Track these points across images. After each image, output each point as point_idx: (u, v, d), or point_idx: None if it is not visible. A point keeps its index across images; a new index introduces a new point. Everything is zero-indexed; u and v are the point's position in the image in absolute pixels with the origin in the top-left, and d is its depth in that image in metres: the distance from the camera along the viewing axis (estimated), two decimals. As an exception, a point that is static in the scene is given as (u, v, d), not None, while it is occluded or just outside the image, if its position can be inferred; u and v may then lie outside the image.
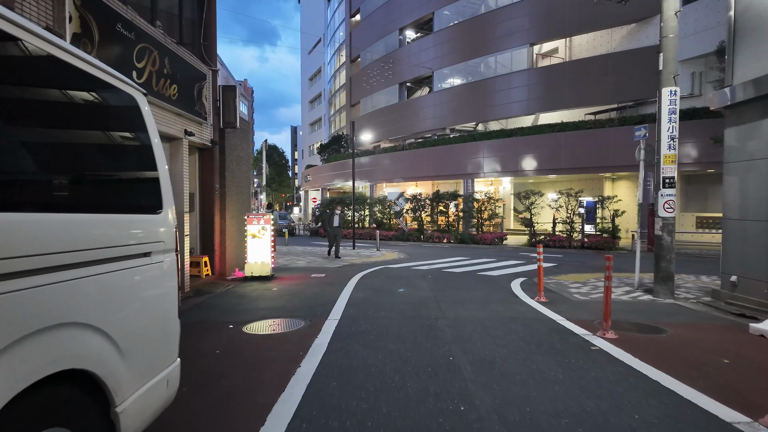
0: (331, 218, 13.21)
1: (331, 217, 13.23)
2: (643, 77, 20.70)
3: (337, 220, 13.16)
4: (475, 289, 7.70)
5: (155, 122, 2.46)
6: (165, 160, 2.51)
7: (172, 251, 2.41)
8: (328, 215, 13.45)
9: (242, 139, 10.40)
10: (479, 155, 24.23)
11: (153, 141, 2.36)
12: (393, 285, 8.13)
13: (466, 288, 7.76)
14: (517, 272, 10.16)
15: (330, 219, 13.24)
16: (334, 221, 13.15)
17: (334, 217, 13.21)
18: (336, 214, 13.30)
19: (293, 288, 7.89)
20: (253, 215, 9.07)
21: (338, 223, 13.17)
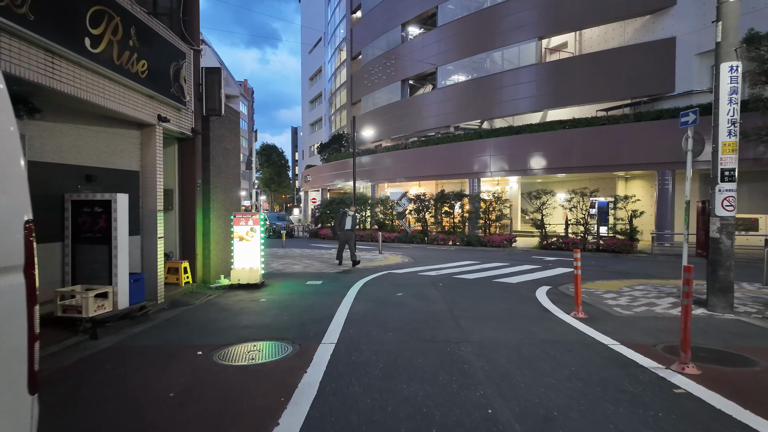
0: (343, 220, 11.38)
1: (343, 219, 11.40)
2: (659, 71, 19.67)
3: (349, 222, 11.35)
4: (495, 300, 6.63)
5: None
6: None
7: (14, 270, 1.35)
8: (340, 216, 11.54)
9: (230, 131, 9.35)
10: (486, 153, 23.19)
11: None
12: (398, 294, 7.06)
13: (485, 299, 6.69)
14: (537, 279, 9.09)
15: (341, 220, 11.40)
16: (346, 223, 11.34)
17: (346, 218, 11.38)
18: (348, 215, 11.45)
19: (285, 298, 6.83)
20: (241, 215, 8.01)
21: (351, 226, 11.36)
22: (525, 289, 7.76)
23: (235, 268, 7.88)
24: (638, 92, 20.62)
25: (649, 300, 6.73)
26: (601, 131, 19.38)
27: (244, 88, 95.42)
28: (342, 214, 11.56)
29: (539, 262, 12.50)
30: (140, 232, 6.36)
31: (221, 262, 8.64)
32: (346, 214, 11.49)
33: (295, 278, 9.13)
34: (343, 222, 11.31)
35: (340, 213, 11.70)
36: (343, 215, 11.45)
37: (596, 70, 21.45)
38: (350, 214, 11.49)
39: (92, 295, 4.86)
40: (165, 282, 7.37)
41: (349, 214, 11.48)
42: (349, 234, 11.30)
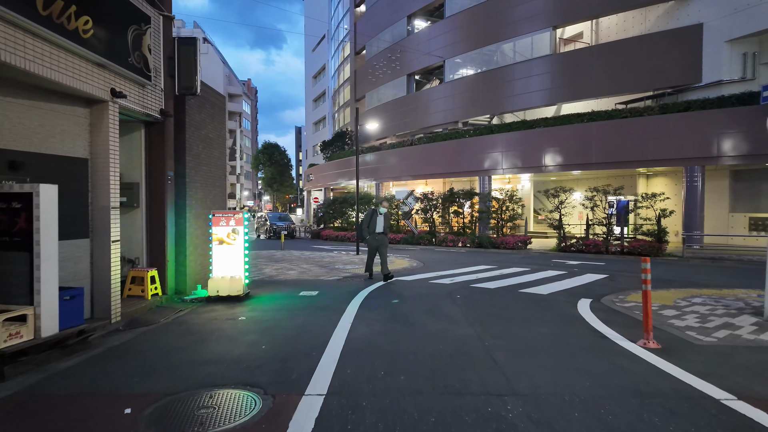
0: (372, 220, 8.83)
1: (372, 219, 8.84)
2: (684, 61, 18.25)
3: (381, 223, 8.79)
4: (532, 320, 5.32)
5: None
6: None
7: None
8: (368, 215, 9.01)
9: (212, 117, 8.10)
10: (497, 149, 21.84)
11: None
12: (411, 311, 5.77)
13: (520, 318, 5.38)
14: (569, 289, 7.77)
15: (370, 221, 8.84)
16: (377, 224, 8.78)
17: (376, 218, 8.84)
18: (379, 213, 8.95)
19: (270, 316, 5.55)
20: (221, 213, 6.75)
21: (383, 228, 8.80)
22: (561, 302, 6.45)
23: (213, 278, 6.61)
24: (661, 83, 19.19)
25: (722, 319, 5.40)
26: (622, 125, 17.99)
27: (248, 87, 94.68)
28: (371, 212, 9.05)
29: (563, 267, 11.17)
30: (89, 234, 5.11)
31: (201, 269, 7.39)
32: (376, 212, 8.97)
33: (288, 287, 7.85)
34: (373, 223, 8.80)
35: (368, 211, 9.18)
36: (373, 214, 8.96)
37: (615, 60, 20.05)
38: (382, 212, 8.98)
39: (0, 320, 3.60)
40: (129, 295, 6.14)
41: (381, 212, 8.96)
42: (380, 239, 8.76)
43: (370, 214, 9.01)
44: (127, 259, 6.41)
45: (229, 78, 73.16)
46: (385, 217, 8.93)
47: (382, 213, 9.00)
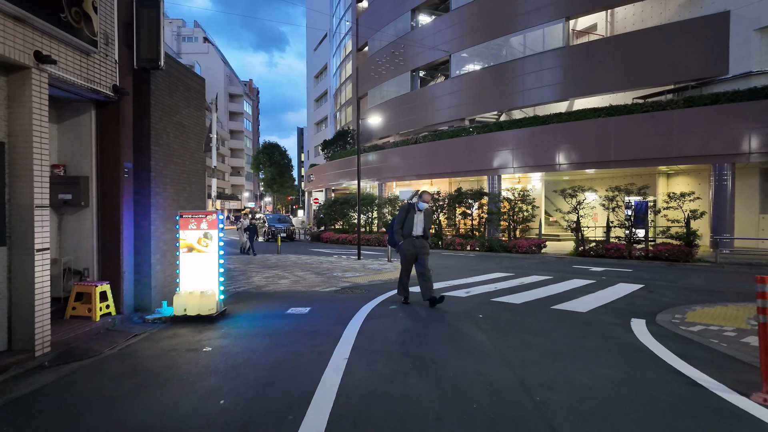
0: (408, 218, 6.53)
1: (408, 217, 6.54)
2: (709, 52, 16.99)
3: (421, 223, 6.53)
4: (585, 353, 4.06)
5: None
6: None
7: None
8: (402, 212, 6.66)
9: (188, 101, 6.91)
10: (507, 147, 20.61)
11: None
12: (424, 340, 4.54)
13: (567, 350, 4.12)
14: (608, 304, 6.54)
15: (405, 220, 6.54)
16: (415, 225, 6.50)
17: (414, 215, 6.53)
18: (418, 210, 6.57)
19: (243, 346, 4.34)
20: (191, 214, 5.55)
21: (423, 230, 6.56)
22: (610, 324, 5.21)
23: (180, 293, 5.40)
24: (683, 76, 17.93)
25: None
26: (644, 120, 16.74)
27: (249, 87, 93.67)
28: (406, 208, 6.63)
29: (588, 275, 9.93)
30: (5, 241, 3.91)
31: (170, 281, 6.18)
32: (414, 208, 6.57)
33: (275, 302, 6.63)
34: (410, 222, 6.47)
35: (402, 207, 6.75)
36: (409, 210, 6.57)
37: (633, 52, 18.79)
38: (422, 207, 6.57)
39: None
40: (72, 315, 4.94)
41: (420, 207, 6.56)
42: (420, 246, 6.47)
43: (404, 211, 6.61)
44: (73, 270, 5.22)
45: (230, 78, 72.27)
46: (426, 215, 6.57)
47: (422, 209, 6.54)
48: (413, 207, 6.63)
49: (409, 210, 6.62)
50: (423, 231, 6.57)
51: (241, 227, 16.72)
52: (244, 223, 16.63)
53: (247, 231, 16.10)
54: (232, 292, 7.54)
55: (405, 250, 6.51)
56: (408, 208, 6.66)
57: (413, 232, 6.52)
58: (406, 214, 6.59)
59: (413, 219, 6.53)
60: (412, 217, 6.54)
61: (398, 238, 6.56)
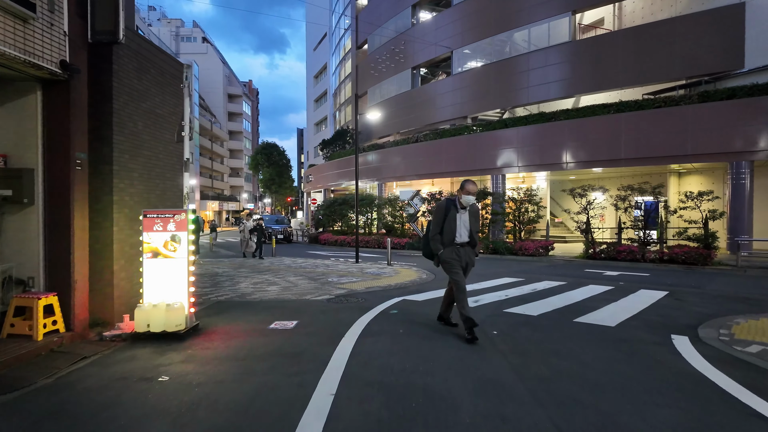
0: (449, 220, 4.73)
1: (449, 218, 4.73)
2: (723, 45, 16.20)
3: (466, 225, 4.78)
4: (631, 386, 3.25)
5: None
6: None
7: None
8: (440, 212, 4.80)
9: (162, 88, 6.13)
10: (512, 145, 19.84)
11: None
12: (430, 367, 3.73)
13: (608, 381, 3.30)
14: (636, 314, 5.76)
15: (444, 222, 4.74)
16: (458, 228, 4.74)
17: (456, 215, 4.75)
18: (461, 208, 4.78)
19: (209, 374, 3.55)
20: (156, 213, 4.76)
21: (469, 235, 4.80)
22: (648, 342, 4.42)
23: (142, 306, 4.61)
24: (696, 71, 17.16)
25: None
26: (656, 116, 15.96)
27: (249, 88, 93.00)
28: (444, 206, 4.79)
29: (603, 280, 9.14)
30: None
31: (139, 291, 5.39)
32: (456, 205, 4.76)
33: (259, 313, 5.85)
34: (451, 225, 4.71)
35: (440, 205, 4.87)
36: (449, 208, 4.74)
37: (642, 46, 18.01)
38: (468, 202, 4.73)
39: None
40: (10, 334, 4.17)
41: (465, 203, 4.73)
42: (465, 256, 4.77)
43: (442, 211, 4.73)
44: (15, 279, 4.44)
45: (228, 78, 71.58)
46: (472, 215, 4.79)
47: (466, 206, 4.70)
48: (453, 204, 4.72)
49: (448, 209, 4.68)
50: (469, 236, 4.72)
51: (244, 229, 15.19)
52: (248, 225, 15.18)
53: (254, 233, 14.83)
54: (213, 301, 6.76)
55: (451, 258, 4.67)
56: (446, 206, 4.72)
57: (456, 238, 4.64)
58: (444, 214, 4.68)
59: (455, 220, 4.65)
60: (454, 218, 4.66)
61: (437, 247, 4.70)
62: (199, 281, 8.93)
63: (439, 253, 4.73)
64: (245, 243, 14.88)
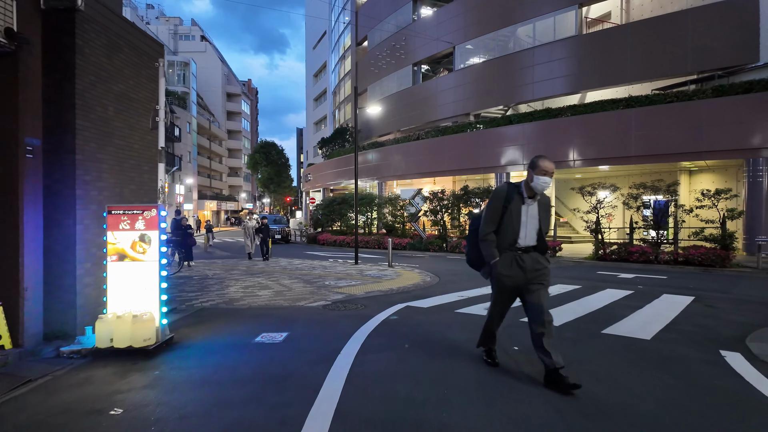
0: (510, 213, 3.29)
1: (508, 211, 3.29)
2: (737, 38, 15.57)
3: (534, 223, 3.33)
4: (700, 422, 2.62)
5: None
6: None
7: None
8: (497, 201, 3.33)
9: (138, 71, 5.49)
10: (516, 142, 19.20)
11: None
12: (446, 396, 3.08)
13: (673, 423, 2.63)
14: (669, 325, 5.13)
15: (504, 216, 3.31)
16: (523, 227, 3.31)
17: (522, 209, 3.30)
18: (526, 197, 3.29)
19: (175, 404, 2.91)
20: (122, 209, 4.12)
21: (536, 237, 3.37)
22: (694, 359, 3.78)
23: (104, 317, 3.96)
24: (708, 65, 16.52)
25: None
26: (668, 111, 15.33)
27: (248, 87, 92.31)
28: (504, 194, 3.34)
29: (620, 284, 8.50)
30: None
31: (100, 301, 4.74)
32: (519, 191, 3.33)
33: (246, 322, 5.20)
34: (513, 222, 3.29)
35: (497, 195, 3.38)
36: (509, 199, 3.31)
37: (652, 40, 17.37)
38: (539, 190, 3.27)
39: None
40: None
41: (537, 188, 3.25)
42: (530, 267, 3.34)
43: (499, 200, 3.35)
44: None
45: (227, 77, 70.92)
46: (542, 207, 3.38)
47: (538, 192, 3.29)
48: (518, 191, 3.30)
49: (509, 198, 3.29)
50: (536, 238, 3.34)
51: (245, 227, 14.35)
52: (249, 224, 14.35)
53: (259, 233, 14.05)
54: (196, 308, 6.11)
55: (503, 276, 3.32)
56: (507, 193, 3.31)
57: (519, 240, 3.29)
58: (503, 205, 3.29)
59: (519, 215, 3.28)
60: (517, 212, 3.27)
61: (491, 253, 3.31)
62: (185, 285, 8.28)
63: (492, 261, 3.32)
64: (249, 242, 14.20)
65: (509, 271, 3.33)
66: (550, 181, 3.23)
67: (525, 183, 3.32)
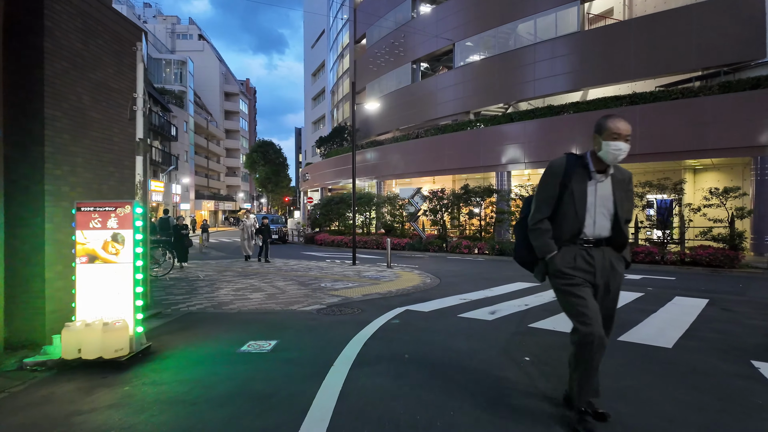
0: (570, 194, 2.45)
1: (569, 191, 2.45)
2: (743, 33, 15.22)
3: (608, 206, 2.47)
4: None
5: None
6: None
7: None
8: (553, 178, 2.51)
9: (118, 58, 5.11)
10: (518, 140, 18.85)
11: None
12: (453, 421, 2.71)
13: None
14: (689, 331, 4.79)
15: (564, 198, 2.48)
16: (589, 211, 2.45)
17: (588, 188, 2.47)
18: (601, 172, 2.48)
19: (144, 428, 2.53)
20: (92, 206, 3.73)
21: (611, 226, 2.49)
22: (726, 372, 3.41)
23: (72, 325, 3.58)
24: (713, 61, 16.17)
25: None
26: (673, 108, 14.98)
27: (246, 87, 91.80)
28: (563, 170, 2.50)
29: (628, 285, 8.14)
30: None
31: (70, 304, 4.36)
32: (588, 164, 2.48)
33: (233, 329, 4.82)
34: (577, 206, 2.45)
35: (553, 170, 2.54)
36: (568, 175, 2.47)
37: (655, 36, 17.02)
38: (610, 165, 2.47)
39: None
40: None
41: (608, 164, 2.46)
42: (600, 265, 2.48)
43: (559, 175, 2.50)
44: None
45: (225, 76, 70.43)
46: (619, 185, 2.53)
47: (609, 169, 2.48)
48: (582, 163, 2.50)
49: (569, 173, 2.48)
50: (612, 227, 2.50)
51: (244, 227, 13.68)
52: (247, 223, 13.67)
53: (259, 234, 13.38)
54: (183, 312, 5.73)
55: (567, 269, 2.48)
56: (566, 167, 2.50)
57: (585, 229, 2.48)
58: (561, 183, 2.49)
59: (582, 195, 2.46)
60: (581, 192, 2.46)
61: (545, 246, 2.52)
62: (174, 287, 7.90)
63: (548, 256, 2.49)
64: (247, 243, 13.55)
65: (578, 266, 2.45)
66: (626, 147, 2.38)
67: (591, 153, 2.51)
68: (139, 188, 4.32)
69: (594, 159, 2.49)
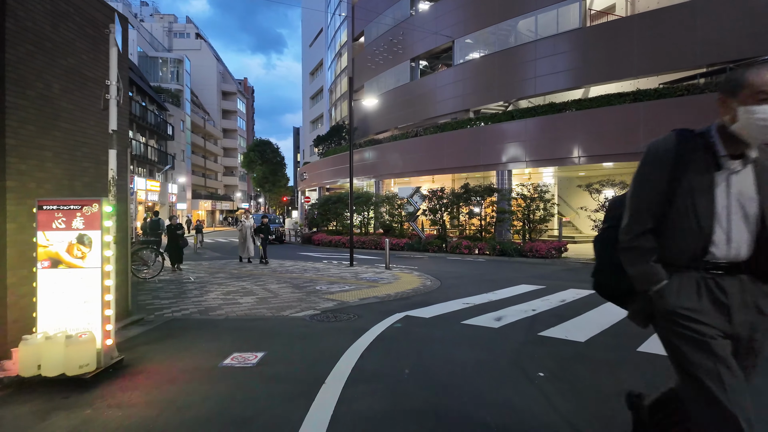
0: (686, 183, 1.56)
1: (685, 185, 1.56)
2: (751, 28, 14.89)
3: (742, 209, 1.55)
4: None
5: None
6: None
7: None
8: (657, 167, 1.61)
9: (95, 44, 4.73)
10: (519, 139, 18.47)
11: None
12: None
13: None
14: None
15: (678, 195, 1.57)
16: (720, 223, 1.54)
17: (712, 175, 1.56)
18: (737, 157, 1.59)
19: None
20: (55, 204, 3.35)
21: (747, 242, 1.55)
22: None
23: (30, 339, 3.19)
24: (718, 57, 15.82)
25: None
26: (679, 105, 14.61)
27: (244, 86, 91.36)
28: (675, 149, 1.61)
29: None
30: None
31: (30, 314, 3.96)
32: (716, 145, 1.60)
33: (218, 338, 4.43)
34: (708, 209, 1.54)
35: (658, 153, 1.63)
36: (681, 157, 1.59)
37: (659, 32, 16.66)
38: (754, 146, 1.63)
39: None
40: None
41: (750, 146, 1.62)
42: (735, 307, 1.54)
43: (668, 165, 1.60)
44: None
45: (223, 75, 69.97)
46: (765, 174, 1.61)
47: (749, 154, 1.61)
48: (701, 144, 1.64)
49: (683, 160, 1.60)
50: (756, 242, 1.56)
51: (242, 227, 13.06)
52: (246, 224, 13.04)
53: (259, 234, 12.83)
54: (166, 318, 5.35)
55: (686, 312, 1.56)
56: (676, 151, 1.62)
57: (712, 246, 1.56)
58: (674, 174, 1.59)
59: (708, 194, 1.56)
60: (706, 188, 1.56)
61: (643, 270, 1.65)
62: (161, 290, 7.51)
63: (654, 288, 1.63)
64: (244, 245, 12.88)
65: (695, 304, 1.56)
66: None
67: (718, 129, 1.66)
68: (112, 185, 3.95)
69: (724, 137, 1.61)
